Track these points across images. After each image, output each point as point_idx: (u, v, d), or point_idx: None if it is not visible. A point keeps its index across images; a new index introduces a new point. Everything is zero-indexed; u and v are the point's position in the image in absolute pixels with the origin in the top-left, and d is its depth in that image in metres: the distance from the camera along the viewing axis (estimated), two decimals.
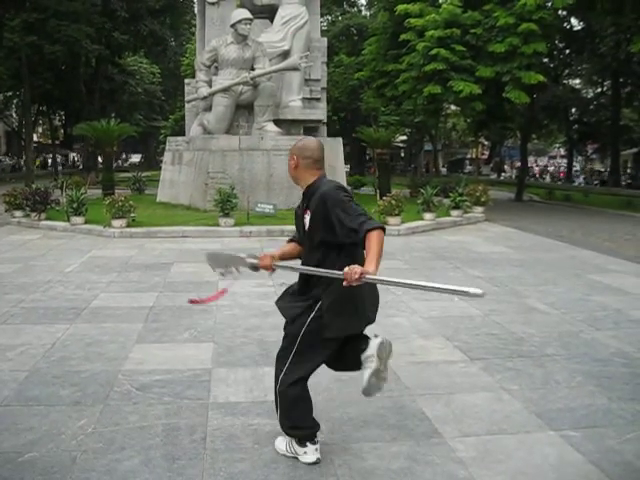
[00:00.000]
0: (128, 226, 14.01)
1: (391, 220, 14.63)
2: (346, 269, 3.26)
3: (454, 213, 16.92)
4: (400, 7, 22.67)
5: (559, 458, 3.82)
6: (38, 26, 30.45)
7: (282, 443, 3.86)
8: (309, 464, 3.69)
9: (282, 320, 6.62)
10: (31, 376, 5.06)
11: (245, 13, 18.54)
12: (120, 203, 13.97)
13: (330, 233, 3.53)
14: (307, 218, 3.67)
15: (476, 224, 16.75)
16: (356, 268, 3.22)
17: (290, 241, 4.11)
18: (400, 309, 7.33)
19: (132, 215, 14.37)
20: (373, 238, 3.36)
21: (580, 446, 3.95)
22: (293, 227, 14.33)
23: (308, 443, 3.73)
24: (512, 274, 9.64)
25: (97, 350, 5.72)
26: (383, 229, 3.40)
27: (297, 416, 3.72)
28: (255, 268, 3.95)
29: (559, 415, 4.41)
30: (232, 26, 18.37)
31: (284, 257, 4.02)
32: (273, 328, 6.47)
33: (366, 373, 3.66)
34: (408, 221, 15.16)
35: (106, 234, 13.66)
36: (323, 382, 4.97)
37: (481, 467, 3.69)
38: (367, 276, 3.23)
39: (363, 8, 50.17)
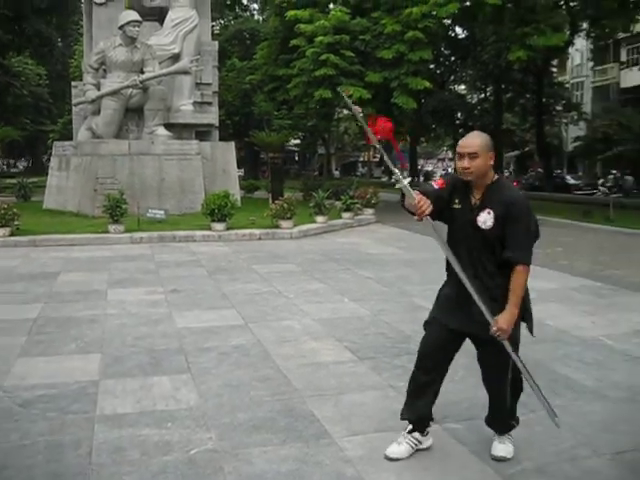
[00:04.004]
0: (12, 235, 13.45)
1: (283, 223, 14.72)
2: (503, 325, 3.44)
3: (345, 215, 17.21)
4: (290, 13, 22.93)
5: (443, 451, 3.96)
6: None
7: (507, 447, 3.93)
8: None
9: (172, 328, 6.62)
10: None
11: (134, 15, 18.20)
12: (2, 211, 13.40)
13: (499, 245, 3.55)
14: (489, 218, 3.54)
15: (367, 226, 17.09)
16: (508, 328, 3.45)
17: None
18: (292, 312, 7.40)
19: (16, 223, 13.80)
20: (522, 277, 3.47)
21: (463, 438, 4.12)
22: (185, 232, 14.11)
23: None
24: (401, 274, 9.91)
25: None
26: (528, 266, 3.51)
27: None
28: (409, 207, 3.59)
29: (443, 409, 4.53)
30: (120, 28, 18.01)
31: None
32: (163, 336, 6.40)
33: None
34: (300, 224, 15.29)
35: None
36: (213, 388, 4.96)
37: (369, 465, 3.77)
38: None
39: (255, 13, 50.18)
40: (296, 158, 68.48)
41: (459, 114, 48.21)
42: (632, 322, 7.01)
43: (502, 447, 3.87)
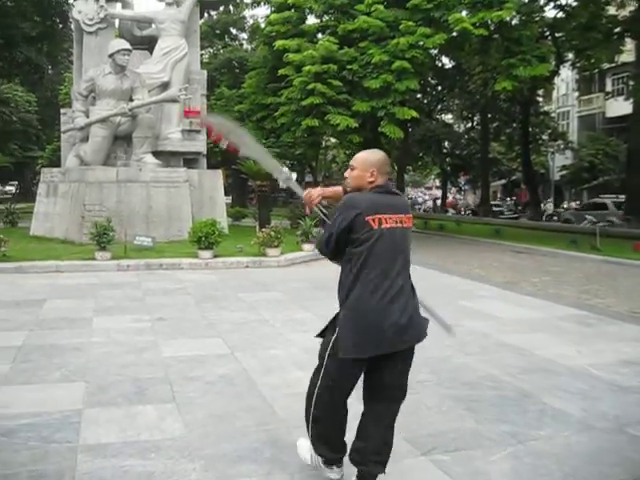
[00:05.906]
0: None
1: (270, 252, 14.71)
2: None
3: None
4: (279, 42, 23.14)
5: None
6: None
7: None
8: None
9: (158, 356, 6.58)
10: None
11: (124, 44, 18.33)
12: None
13: None
14: None
15: None
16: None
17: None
18: (278, 341, 7.37)
19: (3, 249, 13.73)
20: None
21: (450, 470, 4.07)
22: (172, 260, 14.05)
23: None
24: None
25: None
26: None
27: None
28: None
29: (429, 440, 4.53)
30: (110, 56, 18.10)
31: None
32: (149, 364, 6.35)
33: None
34: (287, 252, 15.27)
35: None
36: (198, 418, 4.92)
37: None
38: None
39: (244, 42, 50.60)
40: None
41: (446, 143, 48.70)
42: (618, 352, 7.02)
43: None
